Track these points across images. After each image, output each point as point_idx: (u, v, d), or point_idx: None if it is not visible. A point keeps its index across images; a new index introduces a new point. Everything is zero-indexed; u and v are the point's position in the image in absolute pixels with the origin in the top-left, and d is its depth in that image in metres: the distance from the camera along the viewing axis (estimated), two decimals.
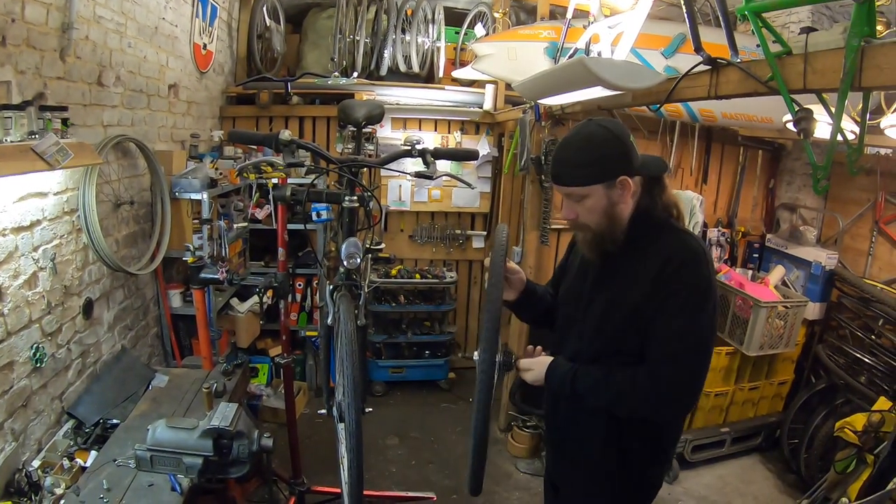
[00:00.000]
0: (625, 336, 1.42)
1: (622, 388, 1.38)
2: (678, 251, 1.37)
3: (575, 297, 1.57)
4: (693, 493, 3.37)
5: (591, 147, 1.36)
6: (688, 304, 1.33)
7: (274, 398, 3.78)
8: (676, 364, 1.33)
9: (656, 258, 1.37)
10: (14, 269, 1.95)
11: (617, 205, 1.39)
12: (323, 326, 2.05)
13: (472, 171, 4.50)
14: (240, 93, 4.29)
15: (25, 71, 1.97)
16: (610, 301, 1.44)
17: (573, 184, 1.39)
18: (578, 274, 1.59)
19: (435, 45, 4.59)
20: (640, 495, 1.61)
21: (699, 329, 1.34)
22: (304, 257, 4.20)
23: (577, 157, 1.38)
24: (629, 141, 1.37)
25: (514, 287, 1.65)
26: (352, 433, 1.49)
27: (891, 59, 1.15)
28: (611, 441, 1.49)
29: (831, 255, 3.69)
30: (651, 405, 1.37)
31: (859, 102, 1.65)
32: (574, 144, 1.39)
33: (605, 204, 1.38)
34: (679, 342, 1.33)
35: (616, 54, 2.40)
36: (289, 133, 1.82)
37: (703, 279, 1.35)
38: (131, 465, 1.78)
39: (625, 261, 1.44)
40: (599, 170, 1.36)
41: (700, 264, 1.35)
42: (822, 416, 3.40)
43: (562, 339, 1.61)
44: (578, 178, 1.38)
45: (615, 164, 1.36)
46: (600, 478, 1.55)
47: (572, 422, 1.59)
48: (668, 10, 3.86)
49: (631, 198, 1.41)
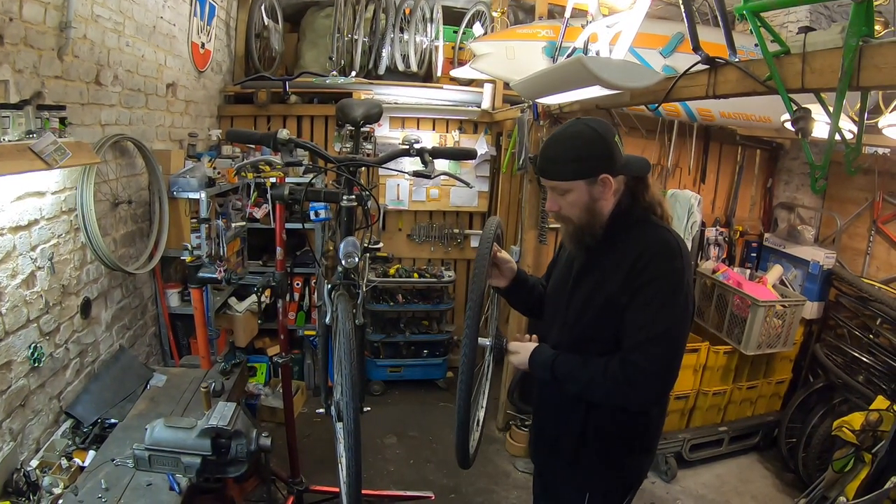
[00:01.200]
0: (601, 326, 1.47)
1: (595, 376, 1.43)
2: (651, 244, 1.43)
3: (559, 289, 1.64)
4: (691, 491, 3.38)
5: (577, 145, 1.43)
6: (658, 294, 1.38)
7: (272, 397, 3.78)
8: (646, 353, 1.37)
9: (632, 251, 1.43)
10: (12, 268, 1.95)
11: (598, 201, 1.45)
12: (321, 326, 2.04)
13: (471, 171, 4.50)
14: (238, 92, 4.28)
15: (23, 70, 1.96)
16: (588, 293, 1.51)
17: (557, 178, 1.46)
18: (564, 267, 1.66)
19: (433, 44, 4.58)
20: (616, 485, 1.62)
21: (670, 319, 1.38)
22: (302, 256, 4.20)
23: (563, 154, 1.45)
24: (613, 141, 1.43)
25: (505, 275, 1.71)
26: (350, 432, 1.49)
27: (889, 59, 1.15)
28: (588, 430, 1.54)
29: (829, 255, 3.70)
30: (622, 393, 1.42)
31: (857, 102, 1.65)
32: (561, 141, 1.46)
33: (586, 199, 1.45)
34: (649, 332, 1.37)
35: (614, 53, 2.41)
36: (287, 132, 1.82)
37: (675, 271, 1.39)
38: (129, 464, 1.78)
39: (603, 255, 1.49)
40: (582, 167, 1.43)
41: (672, 257, 1.40)
42: (819, 415, 3.41)
43: (547, 328, 1.66)
44: (562, 173, 1.45)
45: (598, 162, 1.42)
46: (576, 465, 1.59)
47: (554, 409, 1.64)
48: (666, 10, 3.86)
49: (613, 195, 1.46)
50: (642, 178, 1.50)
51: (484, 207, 4.66)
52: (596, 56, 2.50)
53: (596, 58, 2.39)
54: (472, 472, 3.31)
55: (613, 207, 1.48)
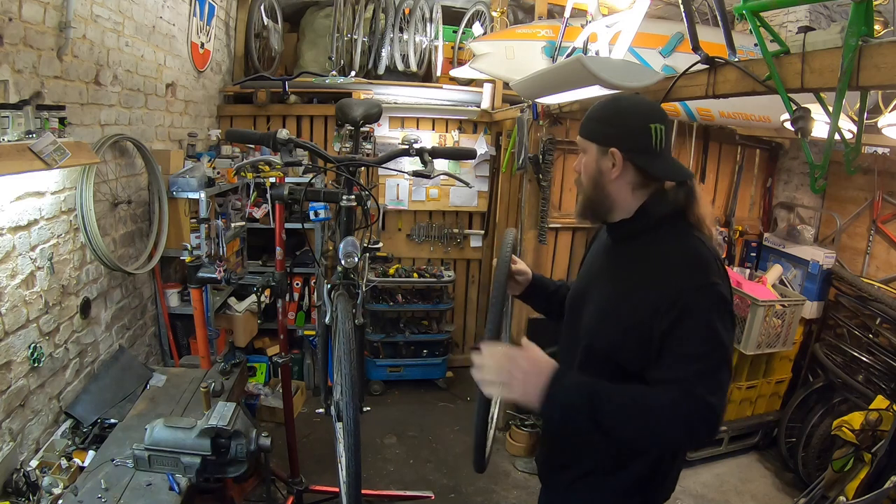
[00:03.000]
0: (621, 345, 1.29)
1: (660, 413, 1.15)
2: (686, 259, 1.26)
3: (575, 292, 1.53)
4: (691, 491, 3.38)
5: (608, 108, 1.36)
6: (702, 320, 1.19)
7: (272, 397, 3.78)
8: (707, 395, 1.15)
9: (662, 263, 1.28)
10: (11, 268, 1.95)
11: (604, 174, 1.33)
12: (321, 325, 2.04)
13: (470, 170, 4.50)
14: (237, 92, 4.28)
15: (23, 70, 1.96)
16: (608, 301, 1.35)
17: (580, 132, 1.40)
18: (585, 267, 1.57)
19: (433, 43, 4.58)
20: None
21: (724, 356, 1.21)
22: (301, 256, 4.20)
23: (593, 112, 1.39)
24: (647, 127, 1.29)
25: (521, 284, 1.65)
26: (350, 432, 1.49)
27: (888, 59, 1.15)
28: (610, 450, 1.36)
29: (829, 254, 3.70)
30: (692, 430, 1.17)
31: (857, 102, 1.65)
32: (603, 102, 1.40)
33: (594, 168, 1.35)
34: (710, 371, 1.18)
35: (614, 53, 2.41)
36: (286, 132, 1.82)
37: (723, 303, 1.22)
38: (129, 464, 1.79)
39: (626, 260, 1.37)
40: (598, 130, 1.35)
41: (715, 284, 1.22)
42: (819, 415, 3.41)
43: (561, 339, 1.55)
44: (583, 128, 1.39)
45: (614, 133, 1.32)
46: (591, 485, 1.43)
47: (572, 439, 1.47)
48: (665, 10, 3.87)
49: (622, 179, 1.33)
50: (682, 183, 1.34)
51: (483, 207, 4.66)
52: (595, 56, 2.50)
53: (595, 57, 2.39)
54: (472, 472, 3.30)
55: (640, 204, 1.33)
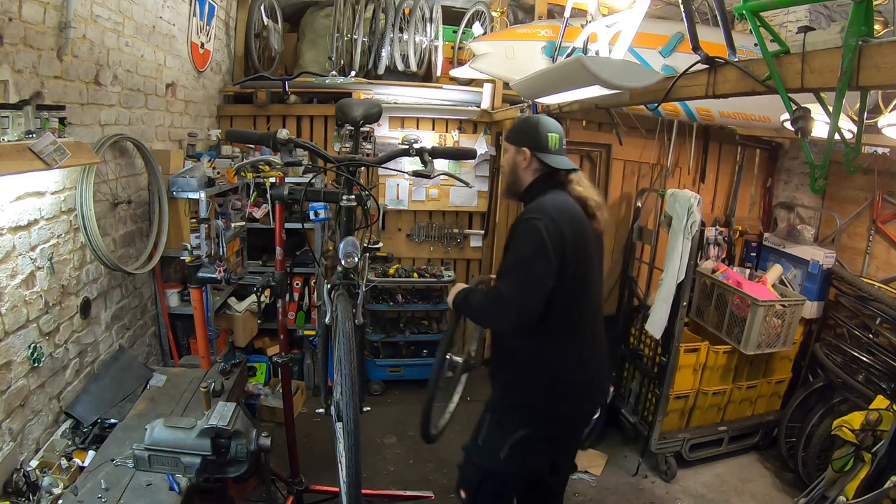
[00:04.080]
0: None
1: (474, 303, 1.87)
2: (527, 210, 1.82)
3: None
4: (690, 491, 3.38)
5: (523, 122, 1.99)
6: (514, 242, 1.79)
7: (272, 397, 3.78)
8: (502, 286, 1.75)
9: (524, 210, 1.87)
10: (11, 268, 1.95)
11: (518, 166, 1.93)
12: (321, 325, 2.05)
13: (470, 171, 4.50)
14: (237, 92, 4.28)
15: (23, 70, 1.96)
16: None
17: (505, 138, 2.04)
18: None
19: (433, 43, 4.58)
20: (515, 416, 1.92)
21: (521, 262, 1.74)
22: (301, 256, 4.20)
23: (514, 125, 2.02)
24: (543, 132, 1.89)
25: None
26: (350, 432, 1.49)
27: (888, 59, 1.15)
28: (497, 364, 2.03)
29: (829, 254, 3.70)
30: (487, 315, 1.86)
31: (857, 102, 1.65)
32: (521, 118, 2.07)
33: (512, 161, 1.96)
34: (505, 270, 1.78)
35: (614, 53, 2.40)
36: (286, 132, 1.82)
37: (532, 229, 1.72)
38: (129, 464, 1.78)
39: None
40: (513, 135, 1.97)
41: (533, 218, 1.74)
42: (819, 415, 3.41)
43: None
44: (507, 136, 2.01)
45: (522, 137, 1.93)
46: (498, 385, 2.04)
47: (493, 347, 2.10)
48: (665, 9, 3.87)
49: (529, 169, 1.92)
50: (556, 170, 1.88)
51: (483, 207, 4.66)
52: (595, 56, 2.50)
53: (595, 57, 2.38)
54: None
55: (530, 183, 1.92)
